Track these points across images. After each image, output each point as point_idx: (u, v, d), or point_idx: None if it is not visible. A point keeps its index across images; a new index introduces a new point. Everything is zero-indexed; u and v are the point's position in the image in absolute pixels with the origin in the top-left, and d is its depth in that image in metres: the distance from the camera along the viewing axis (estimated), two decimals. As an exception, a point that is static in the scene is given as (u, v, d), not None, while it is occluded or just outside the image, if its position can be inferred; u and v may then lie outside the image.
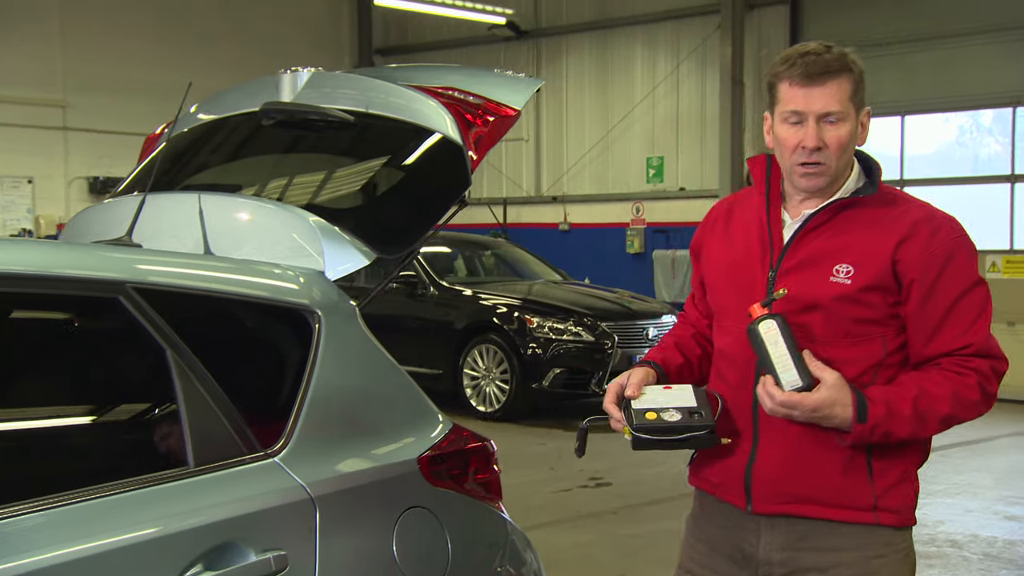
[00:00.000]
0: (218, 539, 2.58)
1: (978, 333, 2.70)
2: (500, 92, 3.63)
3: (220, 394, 2.72)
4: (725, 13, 16.09)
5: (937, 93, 14.69)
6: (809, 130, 2.70)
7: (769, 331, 2.65)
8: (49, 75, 17.08)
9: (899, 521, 2.76)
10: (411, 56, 20.04)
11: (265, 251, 3.30)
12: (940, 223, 2.74)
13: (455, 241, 14.75)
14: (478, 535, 3.23)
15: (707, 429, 2.71)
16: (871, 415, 2.62)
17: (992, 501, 8.57)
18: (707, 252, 2.99)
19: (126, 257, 2.87)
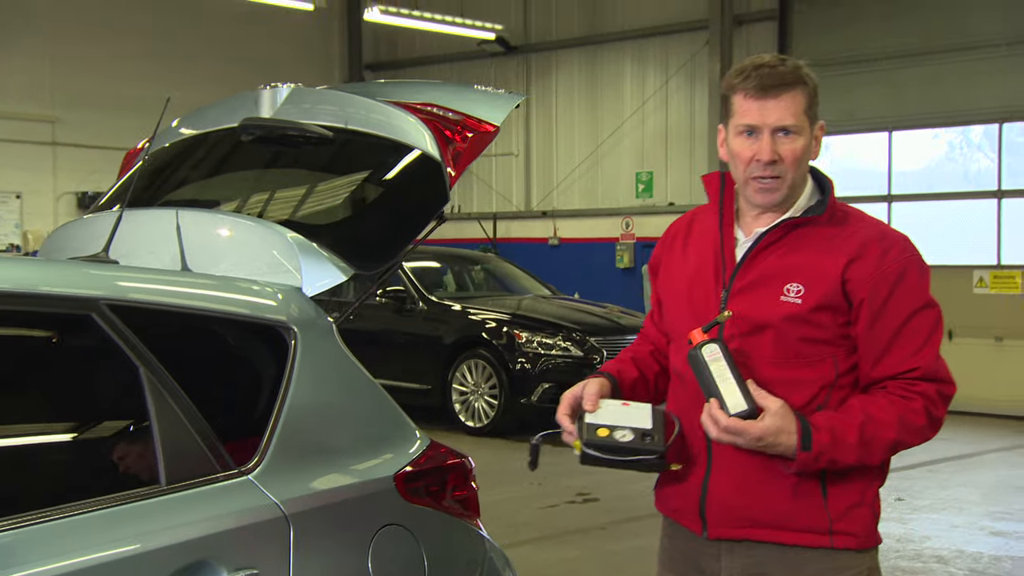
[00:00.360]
0: (191, 558, 2.56)
1: (926, 356, 2.67)
2: (479, 108, 3.63)
3: (193, 411, 2.70)
4: (713, 29, 16.13)
5: (924, 109, 14.72)
6: (764, 143, 2.67)
7: (713, 355, 2.62)
8: (38, 90, 17.07)
9: (858, 544, 2.73)
10: (401, 71, 20.07)
11: (243, 267, 3.29)
12: (892, 242, 2.71)
13: (444, 256, 14.75)
14: (455, 553, 3.22)
15: (656, 454, 2.66)
16: (815, 443, 2.59)
17: (978, 516, 8.57)
18: (664, 270, 2.96)
19: (99, 274, 2.86)
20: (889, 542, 7.75)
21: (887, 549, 7.58)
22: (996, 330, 14.08)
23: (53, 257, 3.61)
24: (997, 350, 14.07)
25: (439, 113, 3.58)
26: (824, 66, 15.46)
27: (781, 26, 15.87)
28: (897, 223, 14.91)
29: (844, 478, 2.69)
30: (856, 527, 2.72)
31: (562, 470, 10.64)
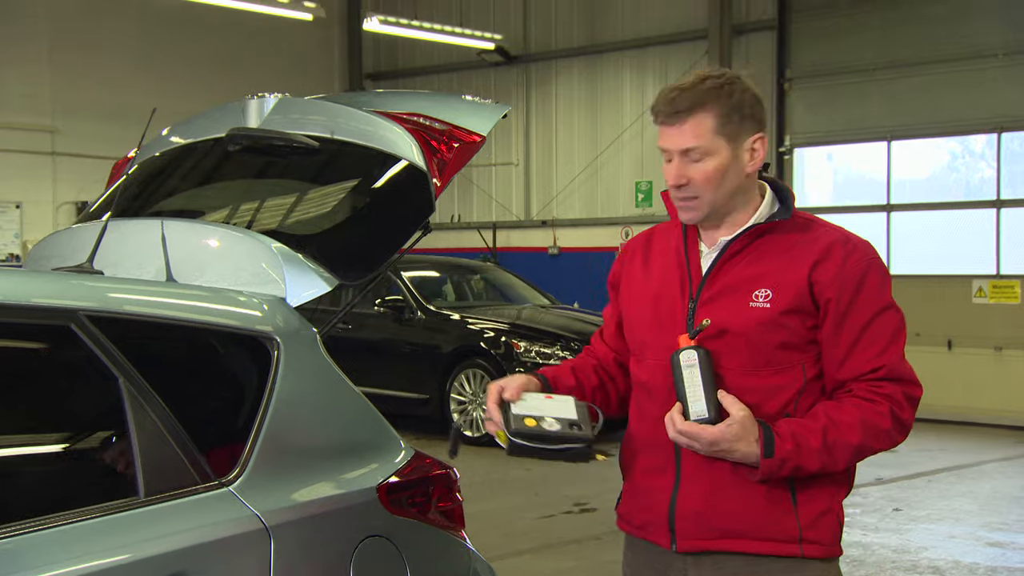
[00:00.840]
0: (168, 570, 2.55)
1: (890, 356, 2.69)
2: (466, 118, 3.63)
3: (173, 423, 2.70)
4: (712, 39, 16.13)
5: (922, 119, 14.72)
6: (673, 167, 2.72)
7: (688, 361, 2.64)
8: (37, 100, 17.08)
9: (825, 553, 2.73)
10: (402, 81, 20.08)
11: (227, 277, 3.29)
12: (855, 246, 2.74)
13: (444, 265, 14.75)
14: (439, 564, 3.20)
15: (585, 443, 2.66)
16: (778, 450, 2.60)
17: (976, 527, 8.54)
18: (625, 285, 2.96)
19: (79, 285, 2.86)
20: (885, 552, 7.74)
21: (883, 560, 7.56)
22: (995, 340, 14.06)
23: (39, 267, 3.60)
24: (996, 360, 14.05)
25: (425, 123, 3.58)
26: (823, 76, 15.49)
27: (780, 36, 15.87)
28: (896, 233, 14.93)
29: (813, 485, 2.70)
30: (825, 536, 2.72)
31: (560, 480, 10.68)
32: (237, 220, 3.59)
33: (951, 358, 14.32)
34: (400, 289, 13.11)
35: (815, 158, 15.98)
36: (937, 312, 14.42)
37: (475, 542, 8.19)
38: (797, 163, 15.87)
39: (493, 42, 17.90)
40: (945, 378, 14.19)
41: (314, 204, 3.63)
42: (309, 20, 16.94)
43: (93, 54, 17.46)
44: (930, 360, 14.41)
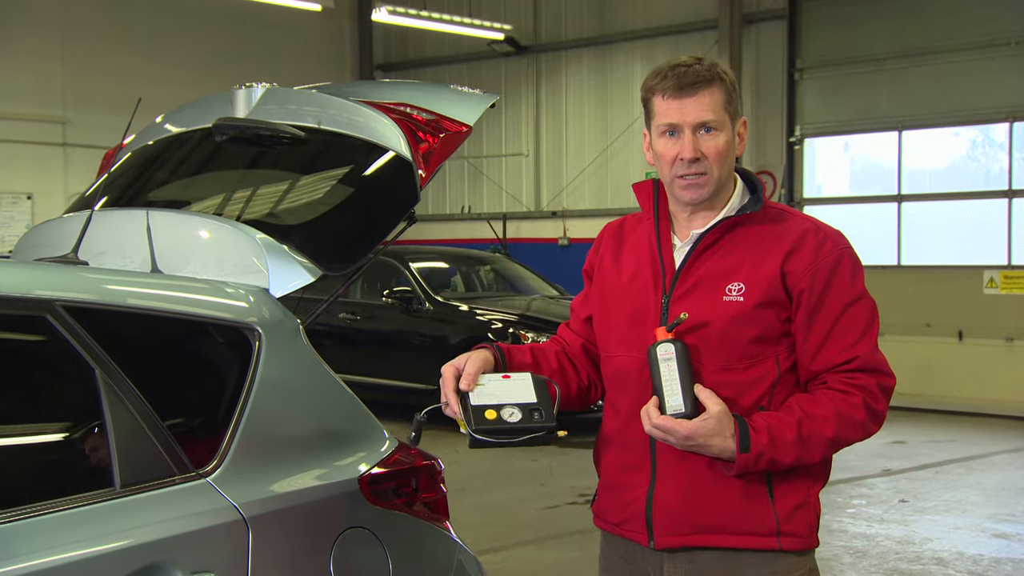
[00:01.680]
0: (144, 561, 2.54)
1: (863, 347, 2.68)
2: (453, 108, 3.61)
3: (151, 414, 2.69)
4: (722, 29, 16.06)
5: (933, 108, 14.64)
6: (686, 141, 2.68)
7: (665, 354, 2.62)
8: (48, 91, 17.12)
9: (803, 545, 2.72)
10: (412, 72, 20.06)
11: (211, 268, 3.28)
12: (826, 235, 2.73)
13: (452, 256, 14.75)
14: (422, 556, 3.19)
15: (547, 430, 2.62)
16: (754, 444, 2.59)
17: (982, 518, 8.50)
18: (597, 278, 2.93)
19: (56, 276, 2.85)
20: (889, 544, 7.71)
21: (887, 551, 7.53)
22: (1007, 331, 13.99)
23: (26, 257, 3.60)
24: (1008, 351, 13.98)
25: (412, 113, 3.56)
26: (833, 65, 15.43)
27: (790, 25, 15.81)
28: (907, 223, 14.86)
29: (790, 478, 2.69)
30: (801, 528, 2.71)
31: (566, 471, 10.66)
32: (223, 210, 3.58)
33: (962, 349, 14.26)
34: (408, 280, 13.12)
35: (829, 148, 15.90)
36: (948, 303, 14.37)
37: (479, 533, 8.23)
38: (808, 153, 15.81)
39: (503, 32, 17.87)
40: (956, 369, 14.15)
41: (300, 194, 3.62)
42: (318, 11, 16.95)
43: (104, 45, 17.49)
44: (941, 351, 14.38)
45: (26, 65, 16.86)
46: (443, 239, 18.85)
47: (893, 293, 14.73)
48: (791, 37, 15.83)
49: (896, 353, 14.45)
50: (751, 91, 16.07)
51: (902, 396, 14.22)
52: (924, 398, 14.26)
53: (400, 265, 13.39)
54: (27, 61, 16.88)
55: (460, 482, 9.68)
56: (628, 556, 2.82)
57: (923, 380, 14.40)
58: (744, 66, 16.03)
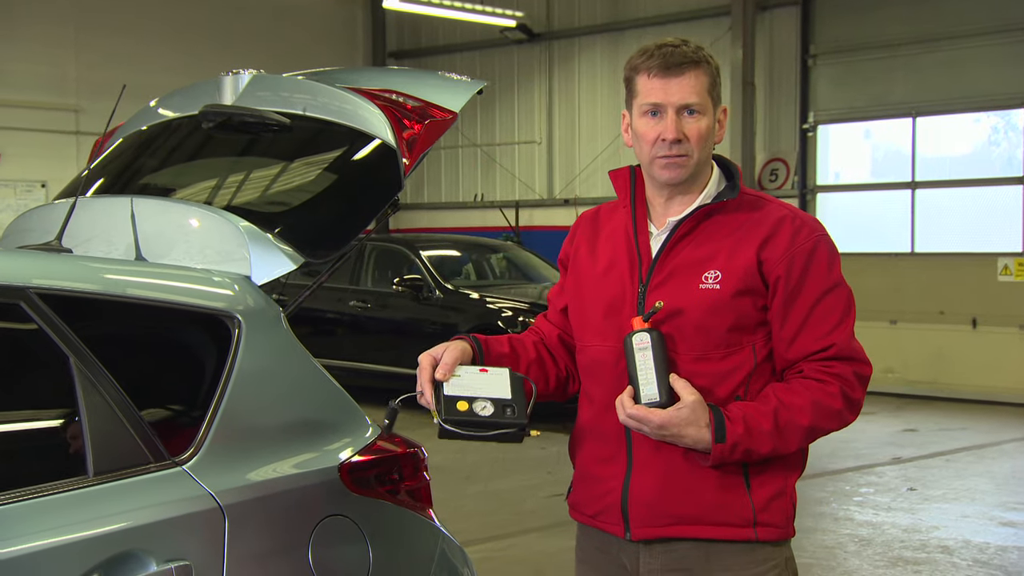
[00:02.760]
0: (117, 549, 2.54)
1: (840, 335, 2.66)
2: (439, 95, 3.60)
3: (126, 402, 2.68)
4: (736, 15, 15.96)
5: (948, 94, 14.52)
6: (669, 121, 2.65)
7: (641, 343, 2.60)
8: (62, 79, 17.15)
9: (779, 535, 2.71)
10: (425, 59, 20.02)
11: (194, 255, 3.27)
12: (803, 222, 2.71)
13: (463, 244, 14.73)
14: (404, 544, 3.18)
15: (517, 427, 2.59)
16: (729, 434, 2.57)
17: (990, 507, 8.46)
18: (573, 267, 2.91)
19: (31, 263, 2.84)
20: (895, 532, 7.68)
21: (892, 539, 7.50)
22: (1021, 318, 13.89)
23: (13, 244, 3.60)
24: (1022, 339, 13.89)
25: (398, 100, 3.55)
26: (847, 51, 15.33)
27: (804, 11, 15.70)
28: (921, 211, 14.76)
29: (767, 469, 2.67)
30: (778, 518, 2.70)
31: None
32: (208, 197, 3.57)
33: (975, 336, 14.17)
34: (419, 268, 13.12)
35: (846, 135, 15.78)
36: (961, 290, 14.27)
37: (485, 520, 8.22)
38: (821, 140, 15.72)
39: (515, 19, 17.81)
40: (969, 357, 14.07)
41: (284, 181, 3.61)
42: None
43: (118, 33, 17.50)
44: (954, 339, 14.30)
45: (40, 54, 16.89)
46: (456, 227, 18.82)
47: (907, 280, 14.67)
48: (805, 23, 15.72)
49: (909, 341, 14.50)
50: (764, 78, 15.99)
51: (915, 384, 14.26)
52: (937, 386, 14.20)
53: (411, 253, 13.40)
54: (41, 49, 16.91)
55: (466, 470, 9.68)
56: (604, 548, 2.81)
57: (936, 368, 14.33)
58: (758, 53, 15.94)
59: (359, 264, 13.85)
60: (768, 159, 16.01)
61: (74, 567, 2.45)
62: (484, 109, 19.23)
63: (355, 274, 13.81)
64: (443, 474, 9.51)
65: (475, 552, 7.27)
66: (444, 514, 8.36)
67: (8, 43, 16.61)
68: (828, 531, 7.78)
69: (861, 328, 10.26)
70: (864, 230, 15.51)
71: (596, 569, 2.84)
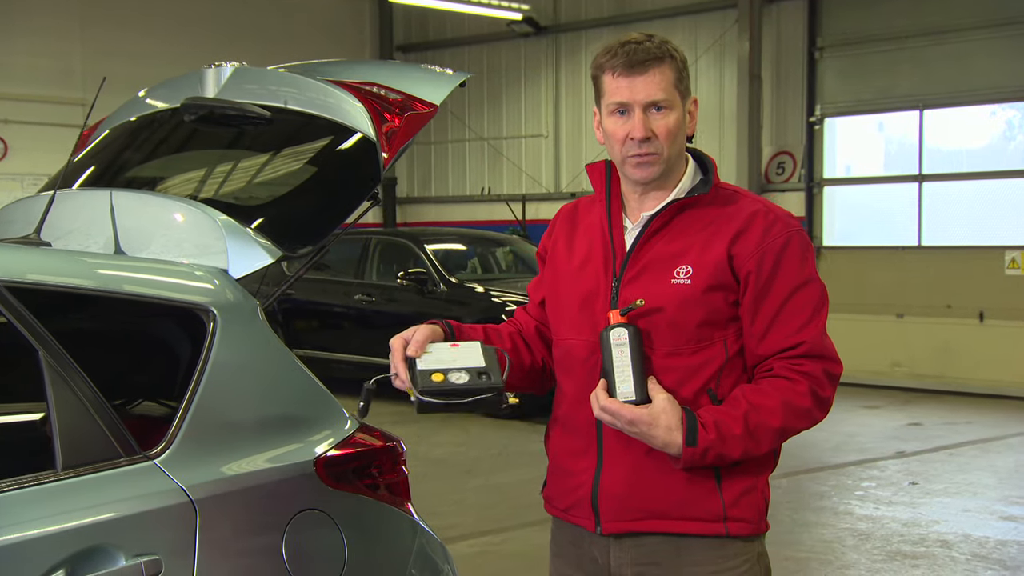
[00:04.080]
0: (85, 543, 2.52)
1: (810, 332, 2.63)
2: (421, 87, 3.58)
3: (96, 396, 2.67)
4: (743, 8, 15.89)
5: (955, 87, 14.44)
6: (636, 120, 2.63)
7: (618, 339, 2.58)
8: (68, 73, 17.17)
9: (750, 531, 2.69)
10: (432, 52, 19.99)
11: (172, 249, 3.26)
12: (776, 217, 2.68)
13: (470, 238, 14.72)
14: (380, 539, 3.17)
15: (495, 391, 2.59)
16: (701, 439, 2.55)
17: (992, 501, 8.41)
18: (550, 261, 2.91)
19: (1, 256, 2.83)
20: (895, 526, 7.65)
21: (891, 533, 7.47)
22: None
23: (-8, 239, 3.59)
24: (1029, 332, 13.82)
25: (380, 92, 3.53)
26: (854, 44, 15.26)
27: (811, 4, 15.62)
28: (928, 203, 14.70)
29: (738, 464, 2.64)
30: (749, 513, 2.68)
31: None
32: (188, 190, 3.56)
33: (983, 330, 14.10)
34: (423, 262, 13.12)
35: (857, 128, 15.68)
36: (969, 284, 14.21)
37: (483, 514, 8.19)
38: (828, 133, 15.66)
39: (520, 12, 17.77)
40: (976, 351, 14.01)
41: (264, 174, 3.60)
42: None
43: (123, 28, 17.51)
44: (961, 332, 14.24)
45: (46, 47, 16.91)
46: (463, 220, 18.80)
47: (913, 274, 14.62)
48: (812, 16, 15.65)
49: (916, 334, 14.45)
50: (771, 71, 15.92)
51: (921, 378, 14.21)
52: (943, 380, 14.14)
53: (415, 247, 13.39)
54: (47, 43, 16.94)
55: (468, 464, 9.68)
56: (576, 541, 2.80)
57: (943, 362, 14.28)
58: (764, 45, 15.89)
59: (364, 258, 13.86)
60: (775, 152, 15.96)
61: (40, 562, 2.44)
62: (491, 103, 19.22)
63: (360, 268, 13.82)
64: (444, 467, 9.52)
65: (472, 546, 7.28)
66: (444, 507, 8.39)
67: (14, 37, 16.64)
68: (827, 525, 7.75)
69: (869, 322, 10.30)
70: (871, 223, 15.46)
71: (568, 563, 2.84)
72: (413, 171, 20.51)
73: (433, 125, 19.99)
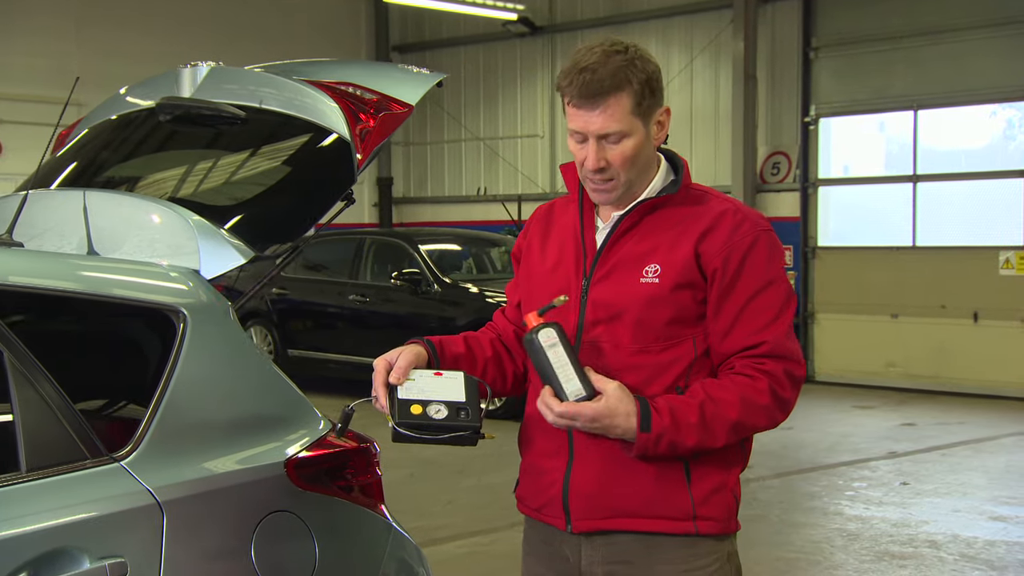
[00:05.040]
0: (48, 546, 2.51)
1: (773, 332, 2.63)
2: (396, 87, 3.57)
3: (61, 397, 2.66)
4: (738, 8, 15.86)
5: (951, 87, 14.42)
6: (590, 151, 2.63)
7: (549, 340, 2.56)
8: (65, 73, 17.12)
9: (720, 529, 2.69)
10: (428, 53, 19.98)
11: (144, 249, 3.25)
12: (744, 216, 2.68)
13: (464, 238, 14.71)
14: (352, 541, 3.16)
15: (471, 430, 2.58)
16: (655, 424, 2.54)
17: (982, 501, 8.40)
18: (524, 261, 2.91)
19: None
20: (884, 527, 7.64)
21: (880, 534, 7.46)
22: (1022, 312, 13.81)
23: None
24: (1023, 333, 13.80)
25: (355, 92, 3.53)
26: (849, 44, 15.24)
27: (806, 5, 15.58)
28: (922, 203, 14.68)
29: (707, 463, 2.66)
30: (718, 512, 2.68)
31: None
32: (162, 190, 3.56)
33: (977, 331, 14.09)
34: (417, 262, 13.11)
35: (850, 128, 15.65)
36: (963, 284, 14.19)
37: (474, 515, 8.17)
38: (823, 133, 15.64)
39: (516, 12, 17.75)
40: (970, 351, 13.99)
41: (239, 174, 3.59)
42: (329, -9, 16.86)
43: (120, 28, 17.49)
44: (956, 333, 14.22)
45: (42, 47, 16.90)
46: (459, 221, 18.78)
47: (908, 274, 14.60)
48: (806, 16, 15.61)
49: (911, 335, 14.44)
50: (766, 71, 15.90)
51: (916, 378, 14.20)
52: (938, 380, 14.13)
53: (409, 247, 13.39)
54: (43, 43, 16.92)
55: (460, 463, 9.66)
56: (548, 540, 2.80)
57: (937, 362, 14.26)
58: (759, 45, 15.87)
59: (359, 258, 13.87)
60: (770, 152, 15.94)
61: (2, 565, 2.43)
62: (487, 103, 19.21)
63: (355, 268, 13.82)
64: (436, 468, 9.51)
65: (461, 547, 7.27)
66: (435, 508, 8.37)
67: (9, 37, 16.63)
68: (817, 525, 7.74)
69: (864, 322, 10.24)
70: (866, 224, 15.44)
71: (541, 561, 2.84)
72: (409, 171, 20.50)
73: (429, 125, 20.01)
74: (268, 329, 14.10)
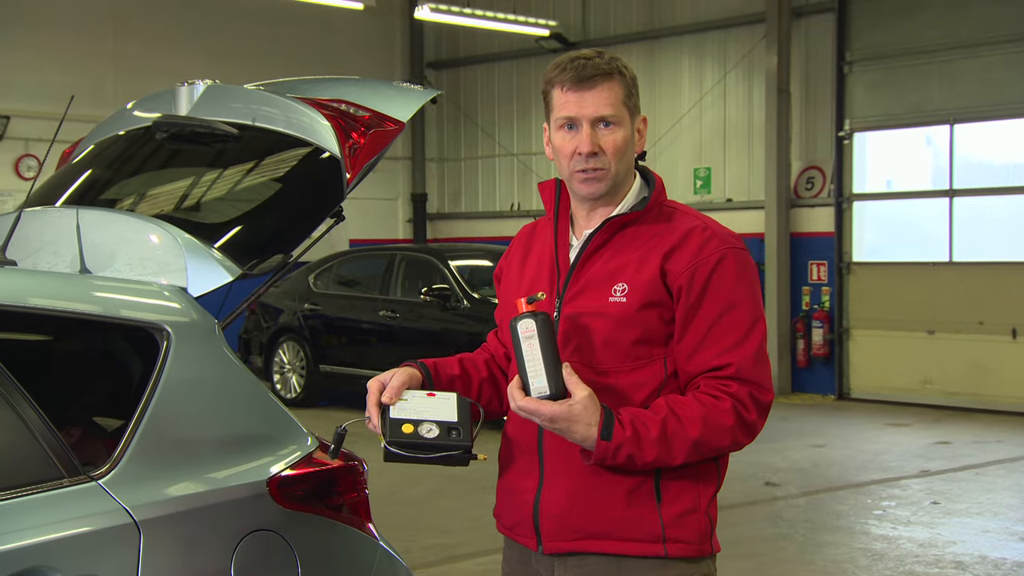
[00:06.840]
0: (19, 565, 2.50)
1: (739, 353, 2.58)
2: (389, 104, 3.56)
3: (38, 415, 2.65)
4: (771, 22, 15.81)
5: (987, 101, 14.27)
6: (584, 135, 2.62)
7: (526, 331, 2.51)
8: (100, 93, 17.29)
9: (692, 552, 2.64)
10: (463, 69, 20.03)
11: (135, 267, 3.25)
12: (713, 234, 2.64)
13: (494, 254, 14.68)
14: (336, 560, 3.13)
15: (462, 449, 2.56)
16: (616, 435, 2.51)
17: (1013, 522, 8.27)
18: (505, 282, 2.90)
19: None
20: (910, 547, 7.53)
21: (906, 554, 7.35)
22: (1043, 325, 13.61)
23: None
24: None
25: (347, 110, 3.52)
26: (883, 58, 15.11)
27: (840, 18, 15.49)
28: (959, 218, 14.51)
29: (679, 483, 2.62)
30: (689, 535, 2.63)
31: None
32: (154, 208, 3.56)
33: (1015, 347, 13.90)
34: (447, 278, 13.12)
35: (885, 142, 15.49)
36: (1001, 300, 14.00)
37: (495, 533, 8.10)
38: (857, 148, 15.50)
39: (548, 28, 17.74)
40: (1008, 368, 13.80)
41: (231, 191, 3.59)
42: (359, 9, 16.92)
43: (156, 47, 17.64)
44: (994, 350, 14.03)
45: (79, 66, 17.06)
46: (493, 236, 18.77)
47: (944, 290, 14.43)
48: (840, 30, 15.51)
49: (948, 351, 14.27)
50: (800, 85, 15.81)
51: (951, 396, 14.02)
52: (975, 398, 13.95)
53: (439, 263, 13.40)
54: (80, 63, 17.09)
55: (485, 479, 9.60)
56: (523, 559, 2.79)
57: (975, 379, 14.07)
58: (793, 60, 15.79)
59: (389, 274, 13.90)
60: (804, 167, 15.83)
61: (-29, 583, 2.42)
62: (520, 118, 19.20)
63: (385, 284, 13.85)
64: (463, 484, 9.47)
65: (478, 564, 7.22)
66: (456, 525, 8.33)
67: (46, 55, 16.80)
68: (841, 545, 7.64)
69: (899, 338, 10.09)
70: (901, 239, 15.28)
71: None
72: (443, 187, 20.53)
73: (464, 141, 20.05)
74: (300, 344, 14.16)
